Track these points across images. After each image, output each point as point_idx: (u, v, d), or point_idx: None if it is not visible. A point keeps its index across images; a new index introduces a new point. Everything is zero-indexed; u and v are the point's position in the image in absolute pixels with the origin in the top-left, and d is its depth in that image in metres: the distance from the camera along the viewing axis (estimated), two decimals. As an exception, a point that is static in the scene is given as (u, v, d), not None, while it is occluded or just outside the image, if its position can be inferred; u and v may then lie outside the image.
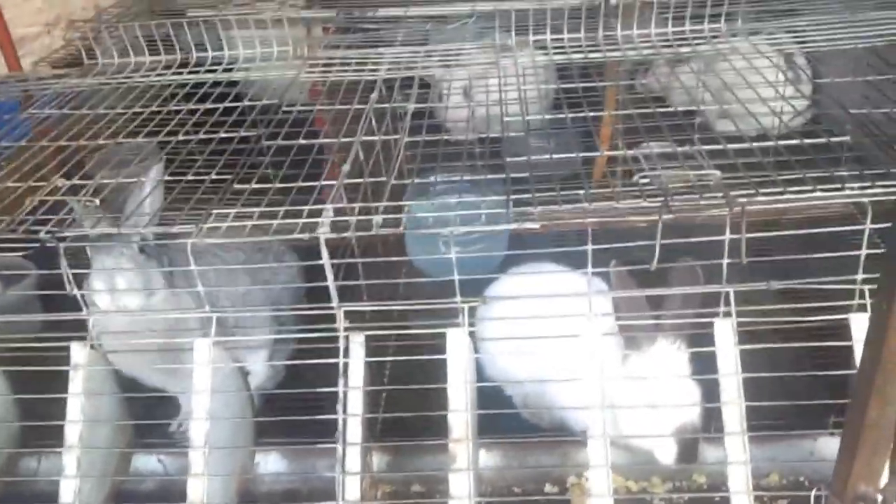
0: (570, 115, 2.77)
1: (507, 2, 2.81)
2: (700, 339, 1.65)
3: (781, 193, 1.58)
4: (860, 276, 1.59)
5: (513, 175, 2.30)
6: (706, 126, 2.89)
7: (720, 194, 1.57)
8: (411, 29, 2.85)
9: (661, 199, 1.55)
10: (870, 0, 2.73)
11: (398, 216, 1.71)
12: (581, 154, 2.11)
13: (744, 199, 1.55)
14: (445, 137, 2.30)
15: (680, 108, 2.45)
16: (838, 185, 1.60)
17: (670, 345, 1.67)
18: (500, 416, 1.80)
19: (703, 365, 1.64)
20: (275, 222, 1.65)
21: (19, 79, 2.61)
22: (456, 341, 1.61)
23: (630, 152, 1.96)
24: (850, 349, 1.58)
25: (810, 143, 1.84)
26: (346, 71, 2.43)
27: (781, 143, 1.88)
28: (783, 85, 2.71)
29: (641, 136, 2.42)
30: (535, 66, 2.51)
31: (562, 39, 2.60)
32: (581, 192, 1.65)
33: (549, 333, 1.64)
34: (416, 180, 2.20)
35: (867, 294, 1.59)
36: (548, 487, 1.77)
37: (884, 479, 1.26)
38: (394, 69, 2.42)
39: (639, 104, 2.21)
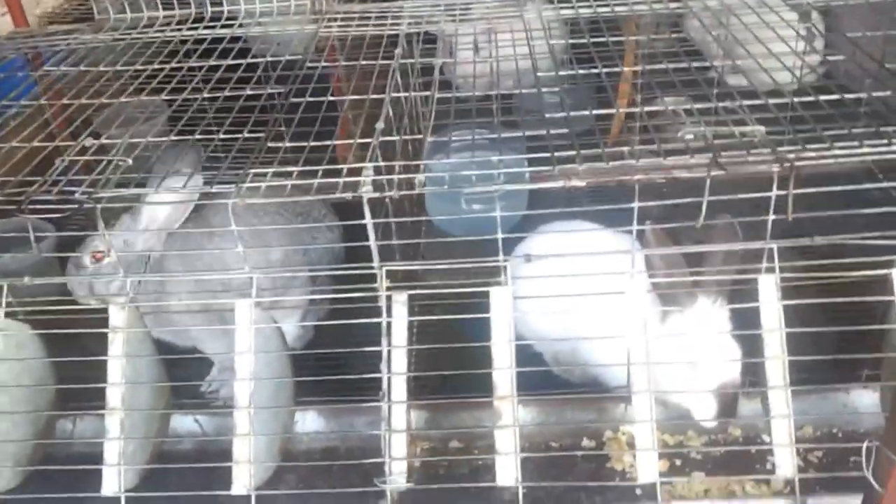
0: (583, 72, 2.75)
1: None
2: (741, 295, 1.66)
3: (828, 149, 1.58)
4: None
5: (528, 133, 2.27)
6: (720, 81, 2.88)
7: (768, 150, 1.57)
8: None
9: (710, 154, 1.55)
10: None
11: (431, 175, 1.69)
12: (597, 111, 2.10)
13: (792, 156, 1.54)
14: (468, 94, 2.27)
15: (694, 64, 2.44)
16: (885, 141, 1.59)
17: (710, 302, 1.67)
18: (532, 372, 1.81)
19: (744, 321, 1.65)
20: (315, 181, 1.63)
21: (27, 34, 2.55)
22: (500, 299, 1.61)
23: (653, 108, 1.95)
24: (891, 304, 1.59)
25: (827, 100, 1.83)
26: (366, 25, 2.38)
27: (796, 99, 1.87)
28: (796, 40, 2.70)
29: (654, 91, 2.42)
30: (554, 20, 2.48)
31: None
32: (597, 149, 1.64)
33: (584, 292, 1.64)
34: (452, 137, 2.18)
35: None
36: (585, 442, 1.79)
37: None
38: (414, 23, 2.38)
39: (669, 58, 2.17)
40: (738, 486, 1.66)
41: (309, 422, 1.85)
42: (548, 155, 1.67)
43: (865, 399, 1.81)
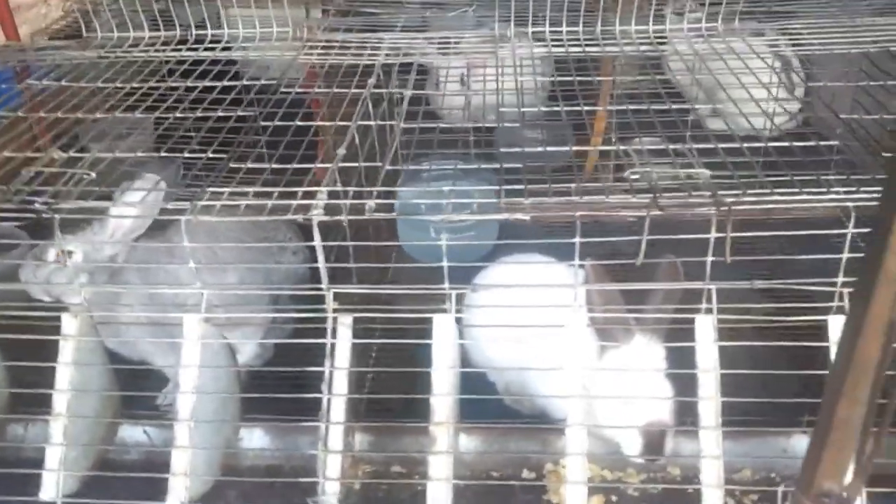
0: (565, 108, 2.81)
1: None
2: (681, 334, 1.69)
3: (769, 195, 1.61)
4: (840, 280, 1.63)
5: (506, 165, 2.33)
6: (698, 124, 2.93)
7: (708, 193, 1.61)
8: (411, 15, 2.87)
9: (650, 195, 1.59)
10: (866, 5, 2.76)
11: (391, 202, 1.73)
12: (573, 147, 2.15)
13: (731, 199, 1.58)
14: (441, 125, 2.33)
15: (674, 106, 2.50)
16: (824, 189, 1.63)
17: (647, 340, 1.70)
18: (483, 401, 1.84)
19: (682, 360, 1.67)
20: (269, 202, 1.67)
21: (17, 48, 2.62)
22: (442, 327, 1.64)
23: (622, 147, 2.01)
24: (827, 350, 1.62)
25: (800, 146, 1.87)
26: (345, 54, 2.45)
27: (771, 144, 1.91)
28: (776, 86, 2.76)
29: (635, 131, 2.47)
30: (532, 57, 2.54)
31: (560, 32, 2.62)
32: (572, 184, 1.69)
33: (533, 323, 1.68)
34: (410, 166, 2.23)
35: (846, 297, 1.63)
36: (525, 473, 1.80)
37: (848, 477, 1.30)
38: (392, 55, 2.44)
39: (643, 99, 2.23)
40: (670, 523, 1.68)
41: (255, 438, 1.87)
42: (519, 187, 1.72)
43: (805, 444, 1.81)
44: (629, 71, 3.05)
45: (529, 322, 1.68)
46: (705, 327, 1.62)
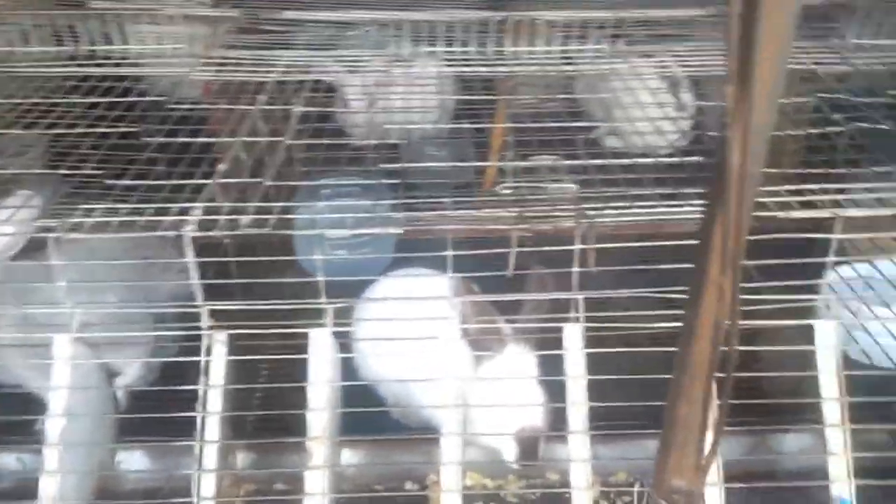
0: (464, 126, 2.87)
1: (406, 12, 2.87)
2: (555, 343, 1.74)
3: (627, 208, 1.69)
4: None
5: (402, 181, 2.36)
6: (597, 142, 3.03)
7: (573, 207, 1.67)
8: (312, 33, 2.89)
9: (517, 209, 1.64)
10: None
11: (268, 217, 1.75)
12: (466, 164, 2.20)
13: (593, 213, 1.65)
14: (330, 141, 2.35)
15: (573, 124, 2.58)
16: (681, 203, 1.71)
17: (520, 349, 1.75)
18: (375, 415, 1.86)
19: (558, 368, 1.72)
20: (142, 219, 1.67)
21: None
22: (318, 341, 1.66)
23: (508, 164, 2.06)
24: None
25: (678, 163, 1.97)
26: (238, 71, 2.45)
27: (642, 160, 2.00)
28: (667, 105, 2.87)
29: (535, 148, 2.54)
30: (429, 76, 2.59)
31: (454, 52, 2.68)
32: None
33: (413, 335, 1.71)
34: (301, 182, 2.25)
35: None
36: (408, 485, 1.82)
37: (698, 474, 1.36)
38: (287, 72, 2.45)
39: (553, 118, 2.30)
40: (545, 528, 1.72)
41: (135, 461, 1.84)
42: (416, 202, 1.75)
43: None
44: (533, 91, 3.14)
45: (407, 335, 1.71)
46: (573, 336, 1.68)
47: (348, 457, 1.85)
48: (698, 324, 1.22)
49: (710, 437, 1.30)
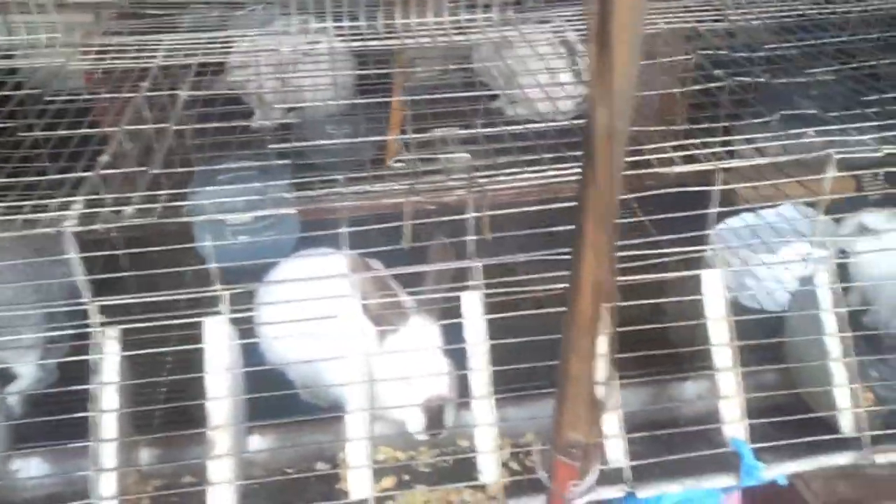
0: (361, 102, 2.84)
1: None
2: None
3: (519, 175, 1.71)
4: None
5: (299, 162, 2.33)
6: (499, 111, 3.05)
7: (465, 176, 1.68)
8: (196, 15, 2.80)
9: (408, 182, 1.64)
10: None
11: (154, 206, 1.70)
12: (358, 140, 2.19)
13: (484, 181, 1.66)
14: (220, 125, 2.30)
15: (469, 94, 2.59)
16: (571, 166, 1.75)
17: (423, 320, 1.76)
18: (286, 399, 1.84)
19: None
20: (21, 217, 1.60)
21: None
22: (213, 329, 1.63)
23: (406, 137, 2.06)
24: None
25: (568, 127, 2.00)
26: (120, 58, 2.36)
27: (533, 127, 2.03)
28: (564, 71, 2.90)
29: (435, 121, 2.54)
30: (321, 53, 2.55)
31: (344, 28, 2.64)
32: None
33: (313, 316, 1.70)
34: (198, 168, 2.19)
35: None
36: (320, 465, 1.82)
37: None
38: (170, 56, 2.38)
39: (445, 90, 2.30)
40: (457, 494, 1.74)
41: (33, 467, 1.78)
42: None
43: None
44: (431, 63, 3.13)
45: (307, 315, 1.70)
46: (472, 303, 1.70)
47: (258, 442, 1.83)
48: (580, 282, 1.25)
49: (603, 390, 1.35)
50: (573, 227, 1.51)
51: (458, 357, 1.75)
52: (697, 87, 2.17)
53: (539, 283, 1.74)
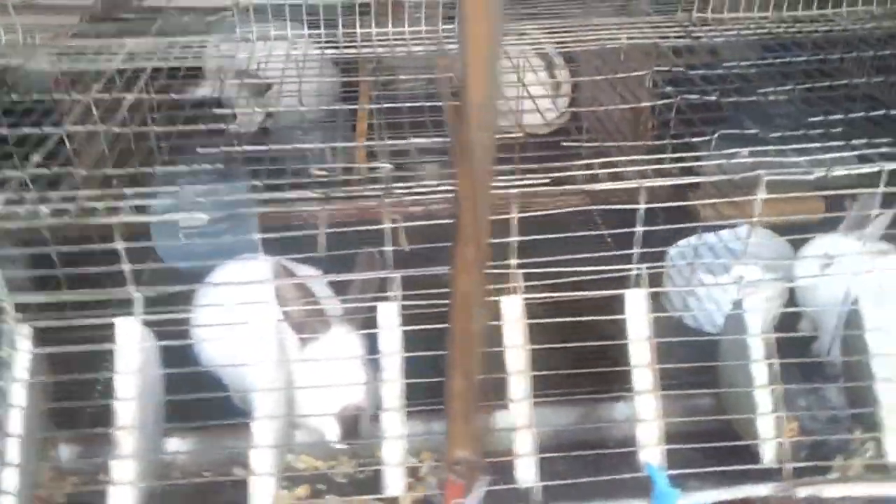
0: (335, 109, 2.84)
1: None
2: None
3: (436, 187, 1.70)
4: (514, 262, 1.74)
5: (271, 167, 2.30)
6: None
7: (382, 187, 1.68)
8: (168, 21, 2.83)
9: (324, 190, 1.64)
10: (607, 6, 2.94)
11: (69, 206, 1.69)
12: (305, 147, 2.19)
13: (401, 191, 1.66)
14: (162, 129, 2.30)
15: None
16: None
17: (344, 330, 1.75)
18: (218, 403, 1.84)
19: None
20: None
21: None
22: (124, 330, 1.63)
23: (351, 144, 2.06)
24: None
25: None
26: (79, 62, 2.39)
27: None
28: (542, 85, 2.89)
29: (406, 130, 2.54)
30: (295, 59, 2.56)
31: (320, 35, 2.65)
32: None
33: (238, 320, 1.70)
34: (133, 169, 2.20)
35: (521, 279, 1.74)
36: (236, 470, 1.81)
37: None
38: (130, 60, 2.40)
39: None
40: (369, 505, 1.73)
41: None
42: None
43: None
44: (408, 72, 3.13)
45: (227, 320, 1.71)
46: (388, 313, 1.69)
47: (176, 445, 1.83)
48: (458, 301, 1.24)
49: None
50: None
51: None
52: (644, 104, 2.15)
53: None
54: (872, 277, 1.84)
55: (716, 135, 1.92)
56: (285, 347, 1.75)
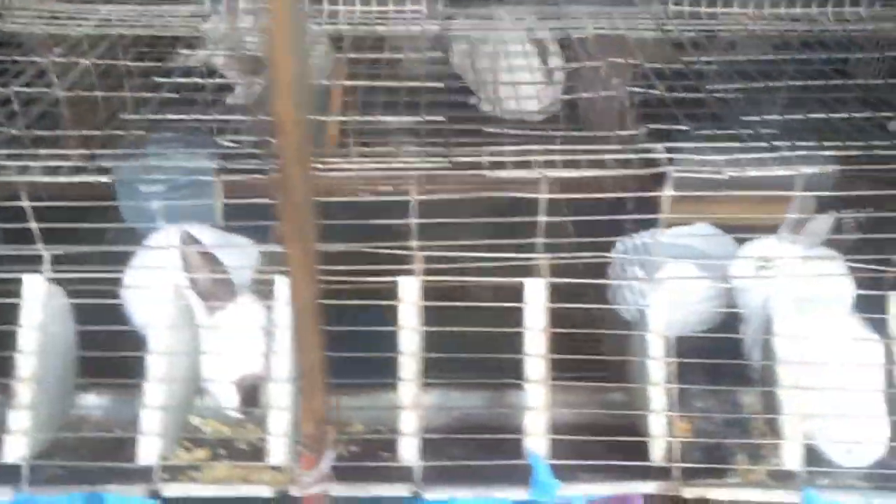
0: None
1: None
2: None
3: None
4: (415, 244, 1.75)
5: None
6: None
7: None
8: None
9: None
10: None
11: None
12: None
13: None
14: (108, 94, 2.34)
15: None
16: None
17: (251, 299, 1.79)
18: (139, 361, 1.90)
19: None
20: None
21: None
22: (30, 287, 1.70)
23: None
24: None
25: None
26: (52, 25, 2.47)
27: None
28: (536, 70, 2.86)
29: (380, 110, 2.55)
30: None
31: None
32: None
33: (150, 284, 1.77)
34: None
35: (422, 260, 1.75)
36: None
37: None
38: (101, 26, 2.47)
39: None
40: (257, 473, 1.75)
41: None
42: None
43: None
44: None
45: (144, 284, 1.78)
46: (283, 287, 1.72)
47: (92, 400, 1.90)
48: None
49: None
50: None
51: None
52: (588, 95, 2.12)
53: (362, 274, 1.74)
54: (794, 283, 1.80)
55: (642, 130, 1.88)
56: (190, 314, 1.79)
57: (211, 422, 1.90)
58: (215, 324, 1.79)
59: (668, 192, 1.68)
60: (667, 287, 1.75)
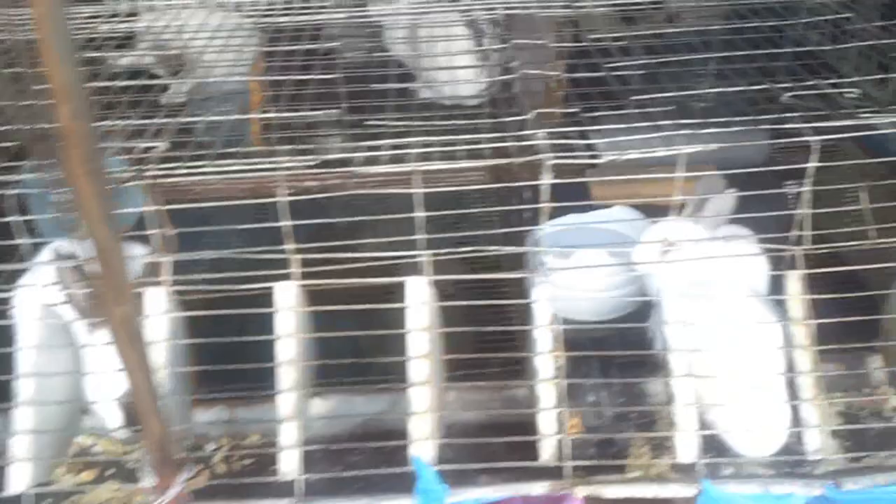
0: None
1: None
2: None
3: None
4: (293, 247, 1.68)
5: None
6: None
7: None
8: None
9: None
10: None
11: None
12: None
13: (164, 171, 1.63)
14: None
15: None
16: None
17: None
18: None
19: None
20: None
21: None
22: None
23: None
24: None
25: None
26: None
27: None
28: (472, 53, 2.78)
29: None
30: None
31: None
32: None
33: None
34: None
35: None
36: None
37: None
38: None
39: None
40: (140, 494, 1.71)
41: None
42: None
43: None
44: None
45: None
46: (156, 299, 1.66)
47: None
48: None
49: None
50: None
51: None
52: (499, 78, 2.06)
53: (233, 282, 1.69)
54: (689, 266, 1.73)
55: (532, 114, 1.81)
56: (69, 331, 1.74)
57: (103, 441, 1.85)
58: (96, 341, 1.74)
59: (546, 181, 1.61)
60: (553, 279, 1.68)
